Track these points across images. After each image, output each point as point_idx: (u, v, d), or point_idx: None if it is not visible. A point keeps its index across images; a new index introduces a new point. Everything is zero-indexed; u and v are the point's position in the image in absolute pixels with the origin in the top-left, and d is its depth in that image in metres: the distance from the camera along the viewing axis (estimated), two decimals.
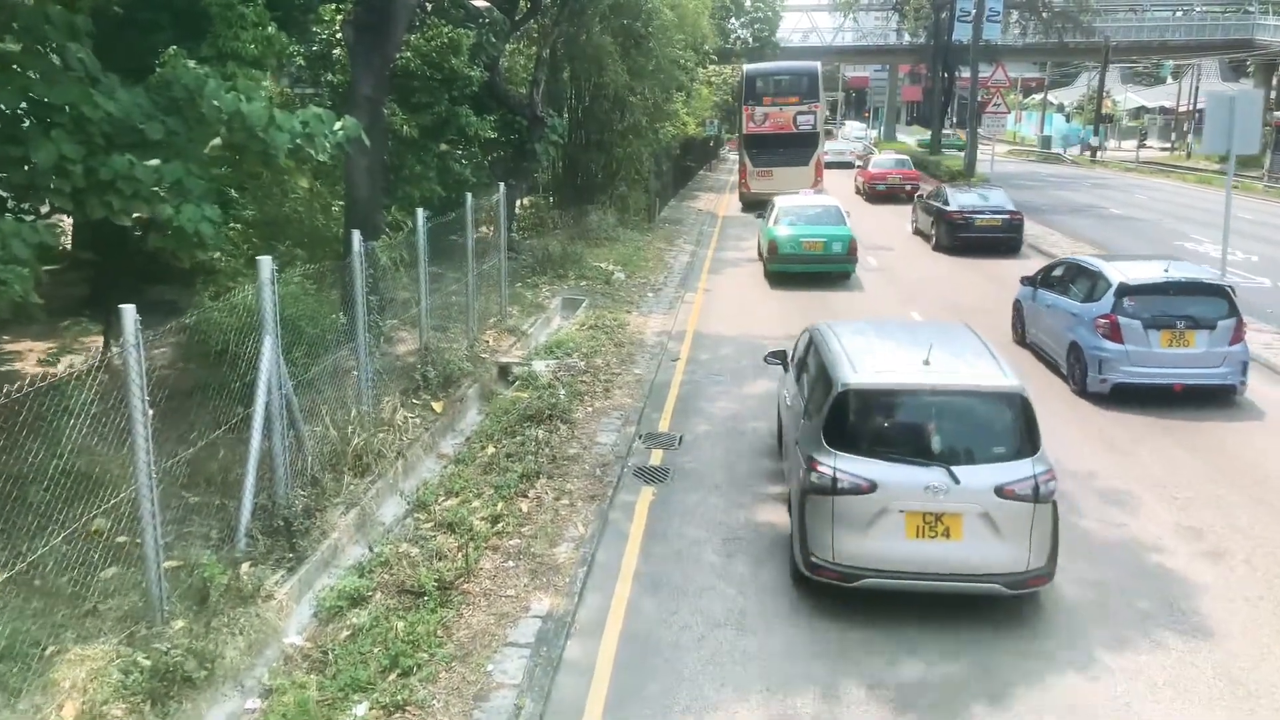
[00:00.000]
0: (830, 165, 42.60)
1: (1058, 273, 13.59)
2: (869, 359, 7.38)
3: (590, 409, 11.03)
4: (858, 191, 36.48)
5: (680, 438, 10.33)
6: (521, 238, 23.21)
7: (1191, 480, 9.26)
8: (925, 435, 6.89)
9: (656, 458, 9.79)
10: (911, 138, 68.46)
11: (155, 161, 8.59)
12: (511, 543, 7.65)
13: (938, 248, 23.33)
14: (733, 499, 8.76)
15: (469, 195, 12.93)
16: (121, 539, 6.85)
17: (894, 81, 66.09)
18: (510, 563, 7.36)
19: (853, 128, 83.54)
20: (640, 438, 10.29)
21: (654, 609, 6.90)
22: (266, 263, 7.62)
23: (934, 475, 6.57)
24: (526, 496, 8.49)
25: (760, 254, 21.09)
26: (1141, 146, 60.05)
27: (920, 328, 8.42)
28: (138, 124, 8.65)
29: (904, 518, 6.59)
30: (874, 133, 72.09)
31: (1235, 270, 16.60)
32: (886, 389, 7.11)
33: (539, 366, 12.20)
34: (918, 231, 25.80)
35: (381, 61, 12.61)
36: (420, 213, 11.14)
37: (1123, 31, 59.51)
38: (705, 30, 29.46)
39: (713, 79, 67.21)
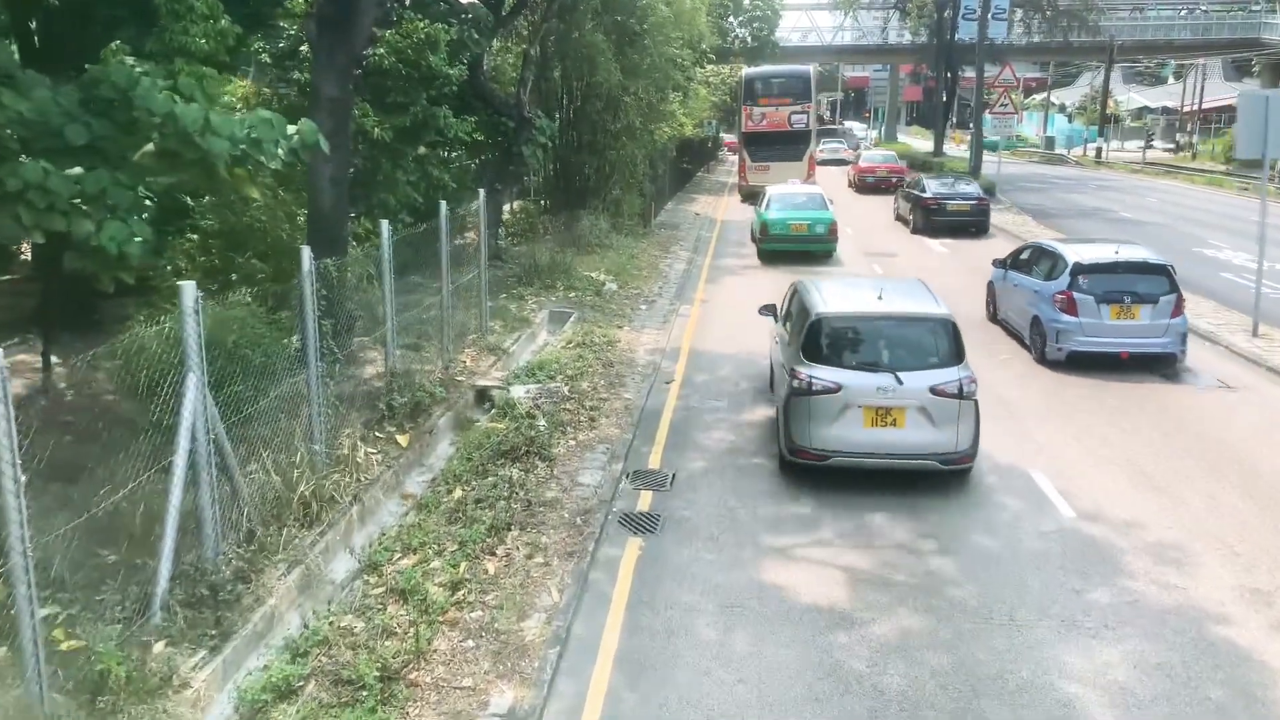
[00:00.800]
0: (827, 162, 46.29)
1: (1024, 255, 14.84)
2: (836, 297, 9.63)
3: (573, 442, 9.96)
4: (850, 184, 38.69)
5: (672, 476, 9.26)
6: (510, 244, 22.17)
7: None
8: (877, 350, 9.01)
9: (645, 501, 8.71)
10: (915, 139, 67.41)
11: (77, 170, 7.57)
12: (473, 615, 6.57)
13: (915, 230, 26.01)
14: (732, 554, 7.69)
15: (443, 204, 11.85)
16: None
17: (894, 81, 64.93)
18: (470, 642, 6.27)
19: (852, 128, 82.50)
20: (627, 477, 9.21)
21: (638, 702, 5.81)
22: (189, 290, 6.56)
23: (884, 379, 8.64)
24: (494, 554, 7.41)
25: (753, 236, 23.25)
26: (1148, 147, 58.83)
27: (879, 279, 11.16)
28: (58, 127, 7.62)
29: (862, 411, 8.60)
30: (874, 133, 71.13)
31: (1265, 282, 15.52)
32: (848, 315, 9.29)
33: (518, 392, 11.13)
34: (899, 217, 28.18)
35: (347, 59, 11.53)
36: (385, 225, 10.09)
37: (1127, 31, 58.46)
38: (702, 28, 28.41)
39: (711, 79, 66.31)
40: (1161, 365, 12.70)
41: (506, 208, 25.94)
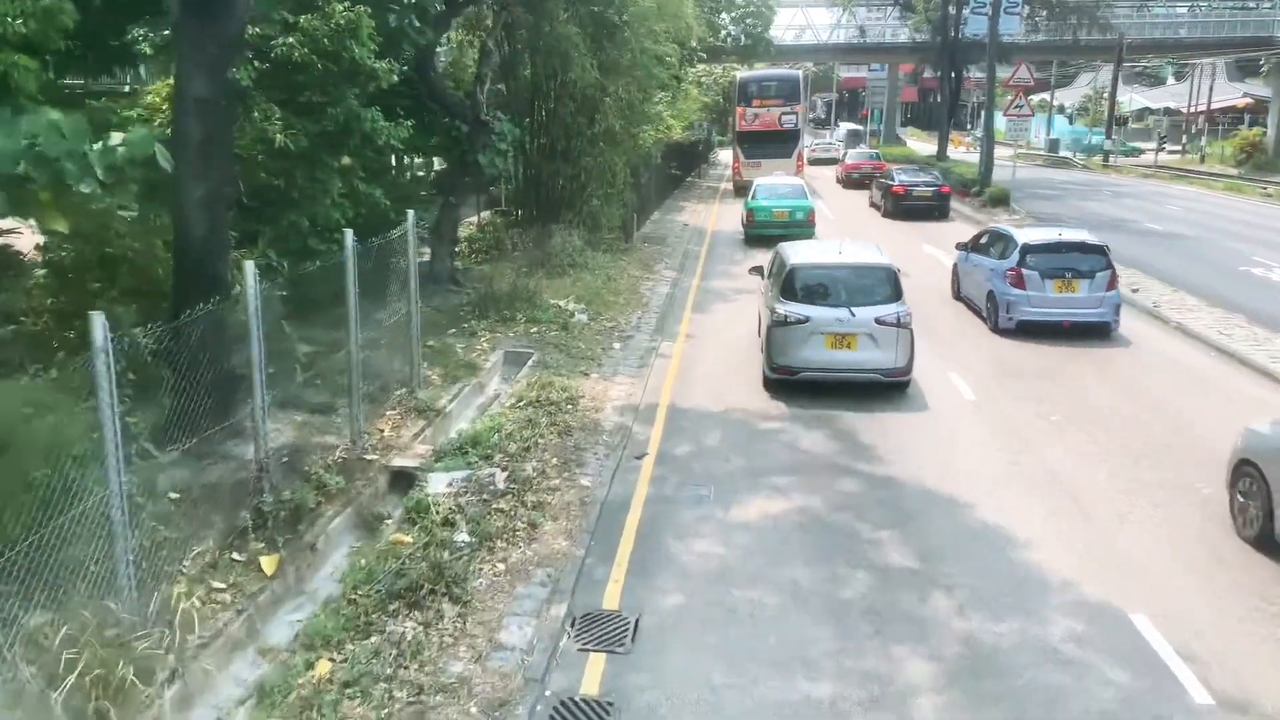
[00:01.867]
0: (820, 161, 49.51)
1: (984, 240, 16.44)
2: (807, 253, 12.56)
3: (501, 565, 7.33)
4: (838, 180, 41.74)
5: (635, 624, 6.65)
6: (473, 263, 19.63)
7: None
8: (836, 290, 11.72)
9: (594, 672, 6.10)
10: (913, 141, 64.89)
11: None
12: None
13: (885, 215, 29.58)
14: None
15: (349, 234, 9.26)
16: None
17: (893, 81, 62.35)
18: None
19: (845, 129, 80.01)
20: (571, 626, 6.60)
21: None
22: None
23: (840, 313, 11.40)
24: None
25: (742, 223, 25.64)
26: (1160, 150, 56.52)
27: (842, 242, 13.49)
28: None
29: (825, 337, 11.36)
30: (872, 136, 68.73)
31: None
32: (814, 265, 12.06)
33: (437, 485, 8.50)
34: (873, 205, 32.11)
35: (220, 49, 8.91)
36: (249, 267, 7.48)
37: (1134, 29, 55.97)
38: (689, 20, 25.83)
39: (702, 79, 63.78)
40: (1099, 335, 14.32)
41: (472, 220, 23.41)
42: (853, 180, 39.30)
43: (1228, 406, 11.20)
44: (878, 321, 11.19)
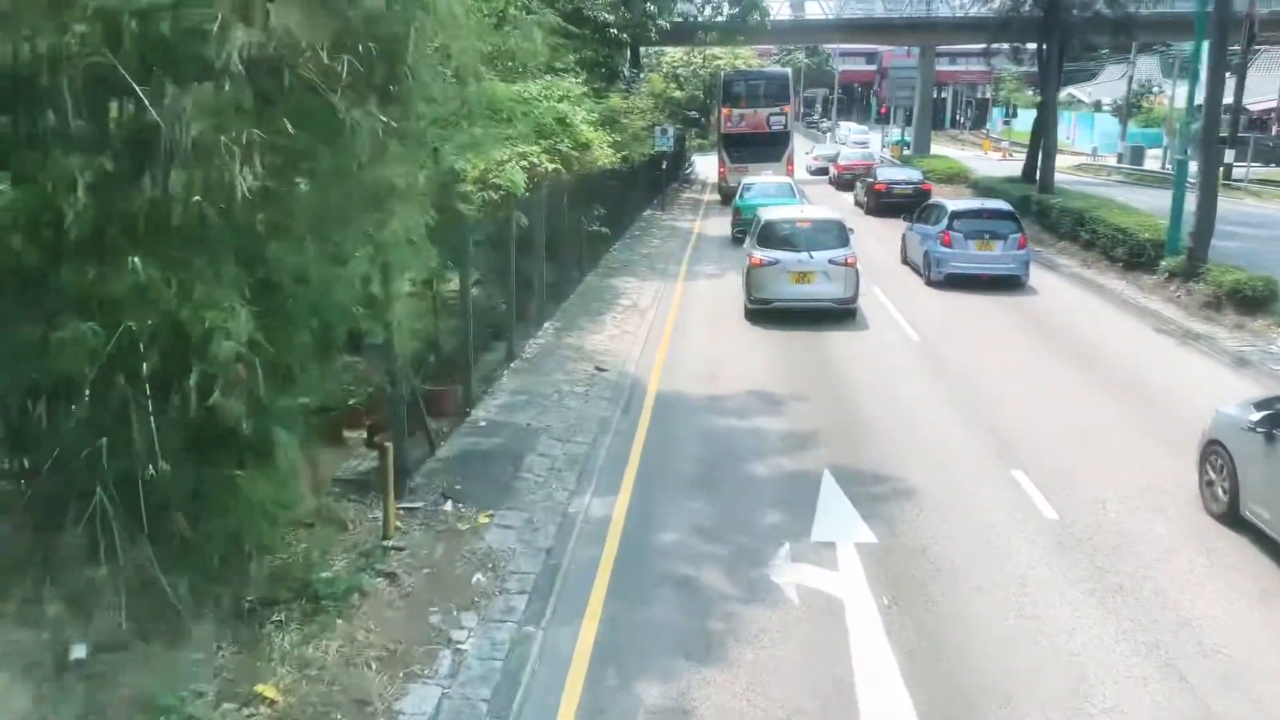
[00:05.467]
0: (822, 171, 47.19)
1: (924, 212, 20.62)
2: (777, 212, 17.41)
3: None
4: (830, 181, 42.70)
5: None
6: None
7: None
8: (799, 239, 15.81)
9: None
10: (948, 148, 50.04)
11: None
12: None
13: (868, 211, 32.43)
14: None
15: None
16: None
17: (927, 72, 47.22)
18: None
19: (849, 130, 66.56)
20: None
21: None
22: None
23: (802, 255, 15.42)
24: None
25: (731, 223, 26.53)
26: None
27: (807, 205, 20.84)
28: None
29: (791, 274, 15.40)
30: (892, 139, 53.93)
31: None
32: (782, 220, 16.67)
33: None
34: (858, 203, 34.97)
35: None
36: None
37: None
38: None
39: (679, 69, 50.23)
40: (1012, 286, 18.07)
41: None
42: (844, 181, 40.65)
43: None
44: (830, 262, 15.31)
